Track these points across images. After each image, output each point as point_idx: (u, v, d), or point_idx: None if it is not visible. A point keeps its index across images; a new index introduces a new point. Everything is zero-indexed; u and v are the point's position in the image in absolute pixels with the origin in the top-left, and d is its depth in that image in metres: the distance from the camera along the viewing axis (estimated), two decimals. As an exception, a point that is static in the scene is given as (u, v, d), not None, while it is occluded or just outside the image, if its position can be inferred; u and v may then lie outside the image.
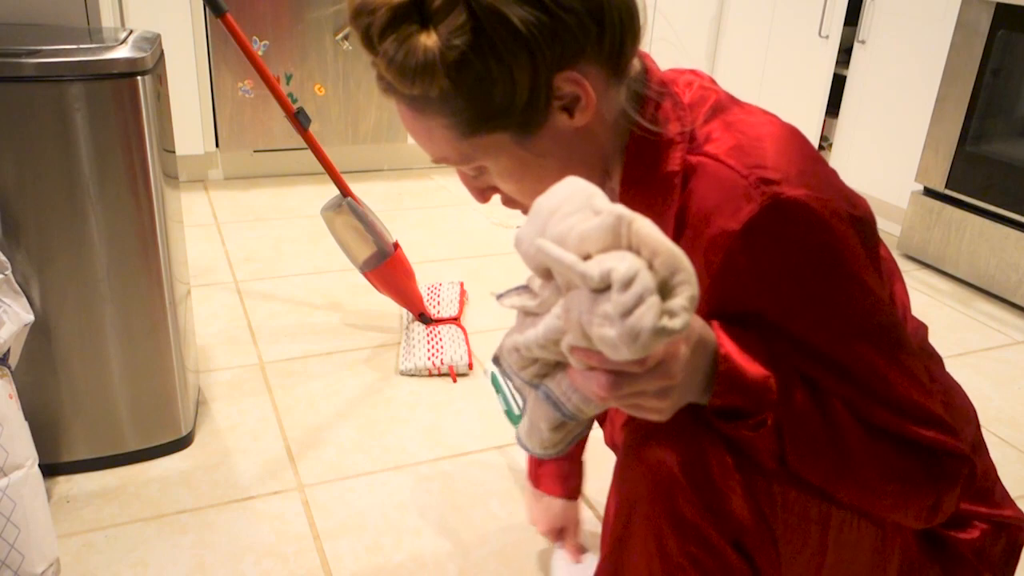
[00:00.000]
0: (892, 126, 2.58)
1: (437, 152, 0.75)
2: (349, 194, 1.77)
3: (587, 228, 0.57)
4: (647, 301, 0.53)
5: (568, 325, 0.60)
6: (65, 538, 1.24)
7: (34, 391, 1.30)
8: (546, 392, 0.67)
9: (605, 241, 0.57)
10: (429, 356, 1.74)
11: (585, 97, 0.71)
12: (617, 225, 0.56)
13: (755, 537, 0.72)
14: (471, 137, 0.71)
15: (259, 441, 1.49)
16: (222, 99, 2.69)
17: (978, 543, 0.84)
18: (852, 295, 0.68)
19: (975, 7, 2.23)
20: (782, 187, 0.65)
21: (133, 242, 1.27)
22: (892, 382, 0.70)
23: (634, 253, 0.56)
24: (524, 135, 0.72)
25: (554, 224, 0.60)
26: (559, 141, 0.73)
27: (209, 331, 1.86)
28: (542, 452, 0.72)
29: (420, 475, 1.42)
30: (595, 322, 0.56)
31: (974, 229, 2.32)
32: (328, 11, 2.70)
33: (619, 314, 0.54)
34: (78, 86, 1.16)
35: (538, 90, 0.69)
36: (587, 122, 0.73)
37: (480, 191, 0.80)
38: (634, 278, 0.53)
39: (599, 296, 0.55)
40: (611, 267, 0.54)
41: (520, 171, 0.75)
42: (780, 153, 0.68)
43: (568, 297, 0.60)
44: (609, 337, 0.55)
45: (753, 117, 0.73)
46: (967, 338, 2.06)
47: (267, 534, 1.27)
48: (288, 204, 2.69)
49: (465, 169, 0.77)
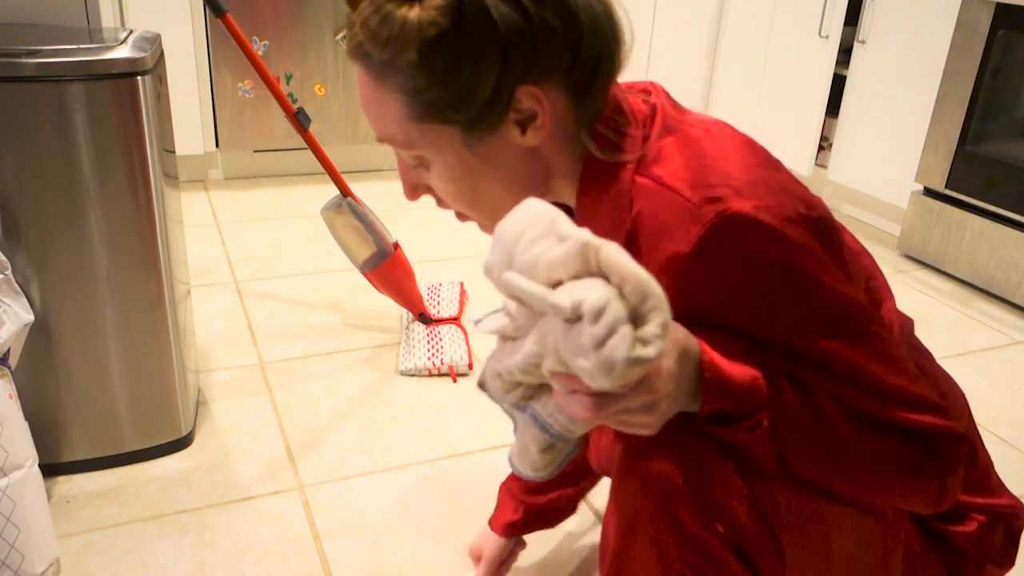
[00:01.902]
0: (892, 126, 2.58)
1: (384, 129, 0.74)
2: (349, 194, 1.77)
3: (555, 256, 0.57)
4: (619, 331, 0.53)
5: (545, 351, 0.59)
6: (65, 538, 1.24)
7: (34, 391, 1.30)
8: (532, 414, 0.67)
9: (574, 268, 0.56)
10: (429, 356, 1.74)
11: (541, 116, 0.71)
12: (584, 251, 0.55)
13: (757, 543, 0.71)
14: (422, 122, 0.71)
15: (259, 441, 1.49)
16: (222, 99, 2.69)
17: (976, 535, 0.84)
18: (815, 296, 0.68)
19: (975, 7, 2.23)
20: (728, 202, 0.65)
21: (133, 242, 1.27)
22: (875, 373, 0.70)
23: (603, 280, 0.55)
24: (473, 136, 0.72)
25: (521, 251, 0.59)
26: (505, 154, 0.74)
27: (209, 331, 1.86)
28: (533, 474, 0.72)
29: (420, 475, 1.42)
30: (570, 351, 0.55)
31: (974, 229, 2.32)
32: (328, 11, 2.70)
33: (592, 345, 0.53)
34: (78, 86, 1.16)
35: (500, 93, 0.69)
36: (538, 143, 0.73)
37: (413, 187, 0.79)
38: (604, 308, 0.53)
39: (572, 326, 0.55)
40: (581, 298, 0.54)
41: (459, 173, 0.75)
42: (727, 167, 0.69)
43: (542, 323, 0.59)
44: (584, 368, 0.55)
45: (701, 130, 0.73)
46: (967, 338, 2.06)
47: (267, 534, 1.27)
48: (288, 204, 2.69)
49: (406, 156, 0.76)
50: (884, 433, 0.71)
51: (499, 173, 0.75)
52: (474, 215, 0.80)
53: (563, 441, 0.68)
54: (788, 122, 2.96)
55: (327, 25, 2.72)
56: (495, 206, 0.77)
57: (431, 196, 0.81)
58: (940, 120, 2.37)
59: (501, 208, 0.74)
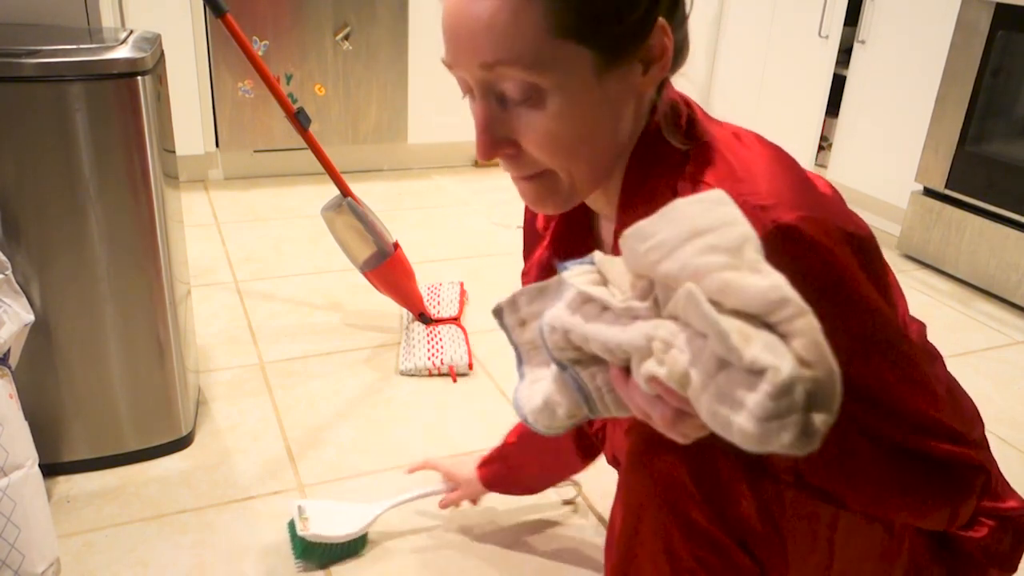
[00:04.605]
0: (892, 126, 2.58)
1: (508, 47, 0.63)
2: (349, 194, 1.77)
3: (740, 285, 0.50)
4: (793, 417, 0.47)
5: (672, 367, 0.52)
6: (65, 538, 1.24)
7: (34, 391, 1.29)
8: (576, 380, 0.62)
9: (754, 309, 0.50)
10: (429, 356, 1.74)
11: (665, 57, 0.66)
12: (780, 306, 0.49)
13: (763, 540, 0.71)
14: (563, 36, 0.63)
15: (259, 441, 1.49)
16: (222, 99, 2.69)
17: (986, 541, 0.84)
18: (857, 313, 0.67)
19: (975, 7, 2.23)
20: (777, 212, 0.64)
21: (133, 242, 1.27)
22: (903, 397, 0.69)
23: (780, 338, 0.49)
24: (605, 65, 0.65)
25: (692, 252, 0.52)
26: (624, 96, 0.67)
27: (209, 331, 1.86)
28: (545, 431, 0.68)
29: (420, 475, 1.42)
30: (719, 395, 0.50)
31: (974, 229, 2.32)
32: (328, 11, 2.70)
33: (761, 416, 0.48)
34: (78, 86, 1.16)
35: (649, 15, 0.64)
36: (646, 91, 0.69)
37: (495, 140, 0.69)
38: (793, 388, 0.47)
39: (736, 373, 0.49)
40: (771, 364, 0.47)
41: (580, 110, 0.66)
42: (772, 178, 0.67)
43: (684, 336, 0.53)
44: (734, 423, 0.49)
45: (742, 141, 0.72)
46: (967, 338, 2.06)
47: (267, 534, 1.27)
48: (288, 204, 2.69)
49: (513, 88, 0.66)
50: (904, 460, 0.71)
51: (612, 117, 0.68)
52: (565, 168, 0.70)
53: (596, 415, 0.63)
54: (788, 122, 2.96)
55: (327, 25, 2.72)
56: (592, 159, 0.70)
57: (504, 161, 0.71)
58: (940, 120, 2.37)
59: (592, 165, 0.70)
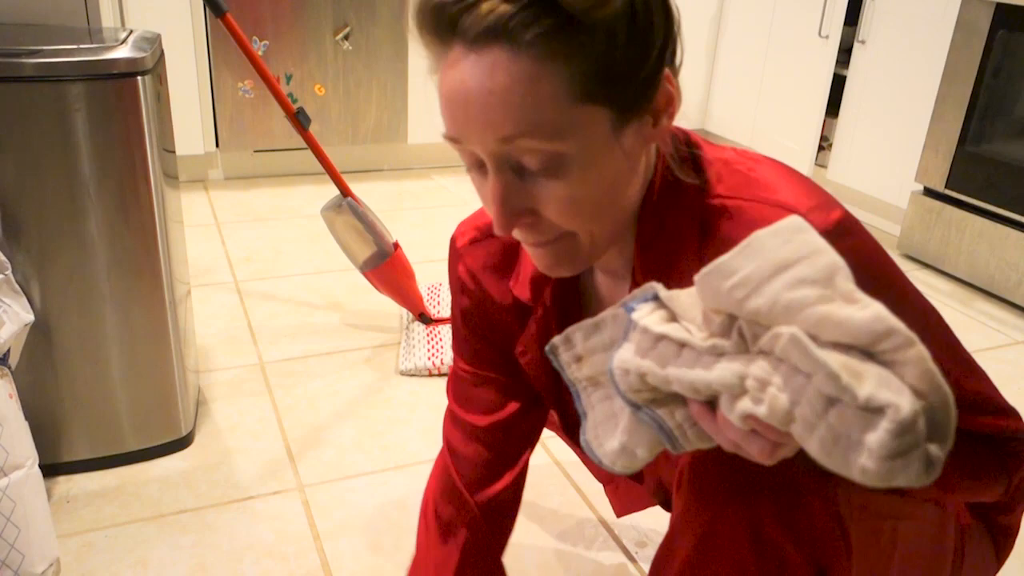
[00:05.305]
0: (892, 126, 2.58)
1: (527, 120, 0.60)
2: (349, 194, 1.77)
3: (841, 320, 0.48)
4: (916, 452, 0.46)
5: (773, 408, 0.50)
6: (65, 538, 1.24)
7: (34, 391, 1.30)
8: (655, 420, 0.61)
9: (857, 341, 0.48)
10: (429, 356, 1.74)
11: (672, 105, 0.64)
12: (886, 336, 0.48)
13: (831, 547, 0.69)
14: (583, 101, 0.60)
15: (259, 441, 1.49)
16: (222, 99, 2.69)
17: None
18: (907, 299, 0.68)
19: (975, 7, 2.23)
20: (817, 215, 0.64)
21: (133, 242, 1.27)
22: (959, 378, 0.70)
23: (886, 367, 0.48)
24: (622, 119, 0.63)
25: (781, 286, 0.50)
26: (637, 147, 0.66)
27: (209, 331, 1.86)
28: (622, 471, 0.66)
29: (420, 475, 1.42)
30: (834, 436, 0.48)
31: (974, 229, 2.32)
32: (328, 11, 2.70)
33: (885, 456, 0.46)
34: (78, 86, 1.16)
35: (659, 66, 0.62)
36: (656, 139, 0.67)
37: (516, 212, 0.65)
38: (915, 423, 0.46)
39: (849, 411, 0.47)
40: (890, 402, 0.46)
41: (603, 171, 0.64)
42: (791, 187, 0.68)
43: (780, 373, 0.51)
44: (855, 464, 0.47)
45: (744, 157, 0.72)
46: (967, 338, 2.06)
47: (267, 534, 1.27)
48: (288, 204, 2.69)
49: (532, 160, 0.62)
50: (963, 441, 0.70)
51: (630, 171, 0.66)
52: (587, 229, 0.67)
53: (677, 451, 0.62)
54: (788, 122, 2.96)
55: (327, 25, 2.72)
56: (614, 216, 0.68)
57: (522, 229, 0.67)
58: (940, 120, 2.37)
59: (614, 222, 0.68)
